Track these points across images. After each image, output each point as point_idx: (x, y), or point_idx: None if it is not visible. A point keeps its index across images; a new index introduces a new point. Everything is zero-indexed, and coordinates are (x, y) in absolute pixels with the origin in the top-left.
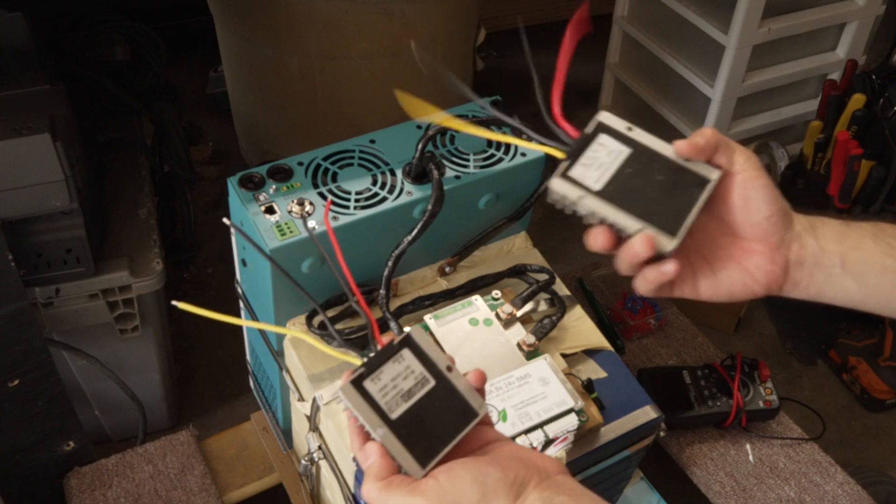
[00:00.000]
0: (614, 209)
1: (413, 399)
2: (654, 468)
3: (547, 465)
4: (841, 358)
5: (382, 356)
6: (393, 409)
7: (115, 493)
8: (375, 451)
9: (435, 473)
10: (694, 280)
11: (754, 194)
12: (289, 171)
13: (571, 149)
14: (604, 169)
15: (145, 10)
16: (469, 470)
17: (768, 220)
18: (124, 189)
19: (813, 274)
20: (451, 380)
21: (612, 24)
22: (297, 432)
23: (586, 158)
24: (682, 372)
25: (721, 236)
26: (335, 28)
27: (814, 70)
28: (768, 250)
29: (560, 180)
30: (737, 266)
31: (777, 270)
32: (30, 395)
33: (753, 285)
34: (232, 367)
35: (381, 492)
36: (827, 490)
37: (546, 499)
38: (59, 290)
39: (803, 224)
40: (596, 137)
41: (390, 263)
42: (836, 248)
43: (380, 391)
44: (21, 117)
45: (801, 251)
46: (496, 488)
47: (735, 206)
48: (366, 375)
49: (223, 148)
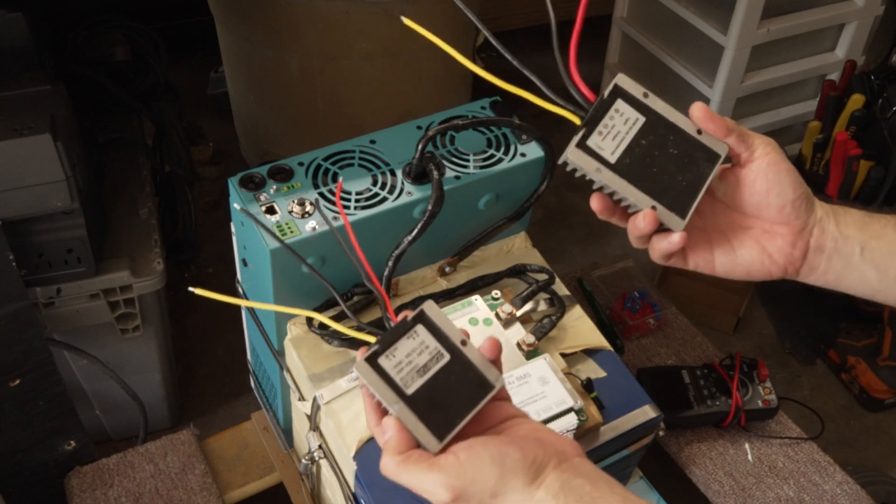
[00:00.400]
0: (628, 185)
1: (428, 374)
2: (653, 467)
3: (565, 447)
4: (840, 357)
5: (396, 333)
6: (408, 384)
7: (116, 492)
8: (393, 426)
9: (455, 450)
10: (711, 254)
11: (777, 179)
12: (289, 171)
13: (589, 115)
14: (619, 139)
15: (145, 10)
16: (488, 449)
17: (792, 204)
18: (125, 189)
19: (832, 260)
20: (465, 353)
21: (612, 24)
22: (298, 431)
23: (603, 126)
24: (682, 371)
25: (744, 217)
26: (335, 28)
27: (813, 70)
28: (790, 234)
29: (577, 150)
30: (757, 246)
31: (796, 254)
32: (31, 394)
33: (771, 266)
34: (232, 367)
35: (400, 465)
36: (826, 489)
37: (564, 481)
38: (60, 290)
39: (825, 210)
40: (613, 103)
41: (390, 263)
42: (857, 236)
43: (395, 367)
44: (22, 117)
45: (821, 236)
46: (514, 468)
47: (759, 191)
48: (380, 352)
49: (224, 148)
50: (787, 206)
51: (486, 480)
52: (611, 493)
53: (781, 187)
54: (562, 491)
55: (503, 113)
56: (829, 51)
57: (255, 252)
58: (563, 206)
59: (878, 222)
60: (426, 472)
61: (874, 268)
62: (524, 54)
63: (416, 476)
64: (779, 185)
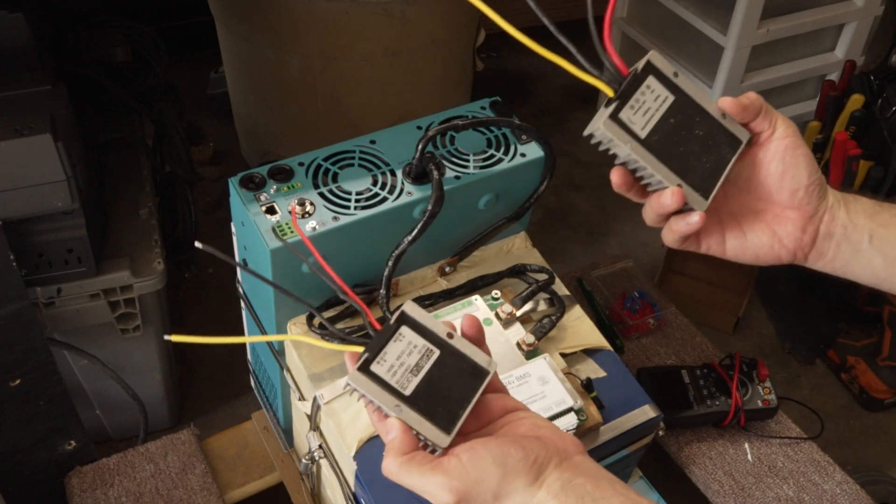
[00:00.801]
0: (657, 162)
1: (422, 372)
2: (653, 467)
3: (567, 445)
4: (839, 357)
5: (382, 338)
6: (405, 385)
7: (117, 492)
8: (396, 427)
9: (457, 452)
10: (722, 237)
11: (794, 162)
12: (289, 171)
13: (622, 88)
14: (650, 115)
15: (146, 10)
16: (490, 450)
17: (805, 189)
18: (125, 189)
19: (840, 247)
20: (454, 345)
21: (612, 25)
22: (298, 431)
23: (634, 101)
24: (681, 371)
25: (756, 200)
26: (335, 29)
27: (812, 71)
28: (801, 219)
29: (610, 122)
30: (767, 230)
31: (806, 239)
32: (31, 394)
33: (780, 251)
34: (232, 367)
35: (403, 467)
36: (825, 489)
37: (565, 480)
38: (60, 290)
39: (836, 197)
40: (645, 79)
41: (390, 263)
42: (867, 224)
43: (388, 372)
44: (22, 118)
45: (831, 223)
46: (517, 469)
47: (774, 173)
48: (371, 359)
49: (224, 148)
50: (800, 190)
51: (489, 482)
52: (613, 492)
53: (796, 171)
54: (563, 491)
55: (503, 113)
56: (829, 51)
57: (256, 252)
58: (563, 206)
59: (888, 211)
60: (429, 475)
61: (882, 256)
62: (524, 54)
63: (419, 478)
64: (794, 168)
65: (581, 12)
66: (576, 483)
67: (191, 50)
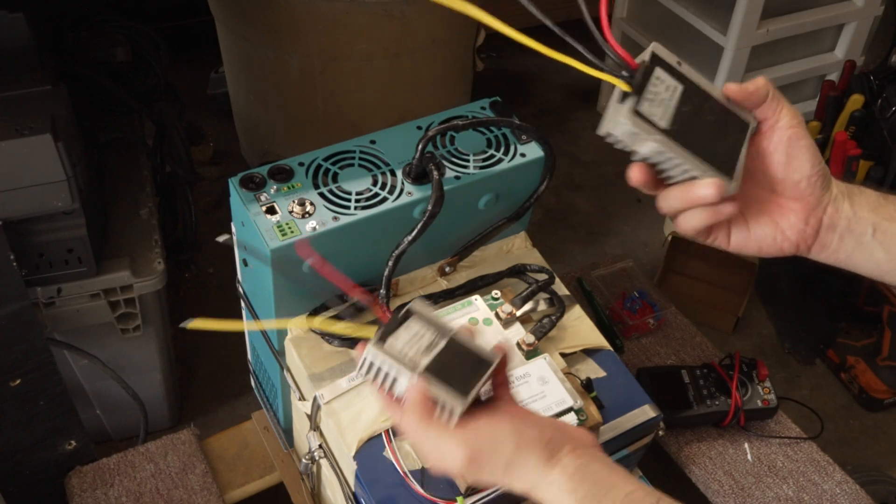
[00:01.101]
0: (686, 152)
1: (435, 351)
2: (652, 467)
3: (583, 436)
4: (839, 357)
5: (393, 324)
6: (419, 361)
7: (117, 492)
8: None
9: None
10: (727, 230)
11: (797, 153)
12: (290, 171)
13: (636, 82)
14: (665, 106)
15: (146, 10)
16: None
17: (808, 179)
18: (125, 189)
19: (843, 239)
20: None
21: (612, 25)
22: (298, 431)
23: (649, 93)
24: (681, 371)
25: (759, 191)
26: (335, 29)
27: (812, 71)
28: (804, 210)
29: (633, 116)
30: (770, 222)
31: (809, 231)
32: (31, 394)
33: (783, 243)
34: (233, 367)
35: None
36: (825, 489)
37: (580, 465)
38: (60, 290)
39: (840, 189)
40: (653, 71)
41: (390, 263)
42: (870, 217)
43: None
44: (22, 118)
45: (835, 215)
46: (531, 444)
47: (777, 163)
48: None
49: (224, 148)
50: (803, 181)
51: (503, 451)
52: (627, 480)
53: (799, 162)
54: (578, 472)
55: (503, 113)
56: (829, 51)
57: (256, 252)
58: (563, 206)
59: (893, 204)
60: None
61: (884, 249)
62: (524, 54)
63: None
64: (797, 159)
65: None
66: (591, 468)
67: (191, 50)
